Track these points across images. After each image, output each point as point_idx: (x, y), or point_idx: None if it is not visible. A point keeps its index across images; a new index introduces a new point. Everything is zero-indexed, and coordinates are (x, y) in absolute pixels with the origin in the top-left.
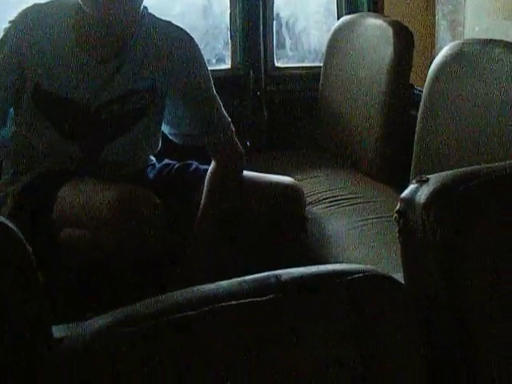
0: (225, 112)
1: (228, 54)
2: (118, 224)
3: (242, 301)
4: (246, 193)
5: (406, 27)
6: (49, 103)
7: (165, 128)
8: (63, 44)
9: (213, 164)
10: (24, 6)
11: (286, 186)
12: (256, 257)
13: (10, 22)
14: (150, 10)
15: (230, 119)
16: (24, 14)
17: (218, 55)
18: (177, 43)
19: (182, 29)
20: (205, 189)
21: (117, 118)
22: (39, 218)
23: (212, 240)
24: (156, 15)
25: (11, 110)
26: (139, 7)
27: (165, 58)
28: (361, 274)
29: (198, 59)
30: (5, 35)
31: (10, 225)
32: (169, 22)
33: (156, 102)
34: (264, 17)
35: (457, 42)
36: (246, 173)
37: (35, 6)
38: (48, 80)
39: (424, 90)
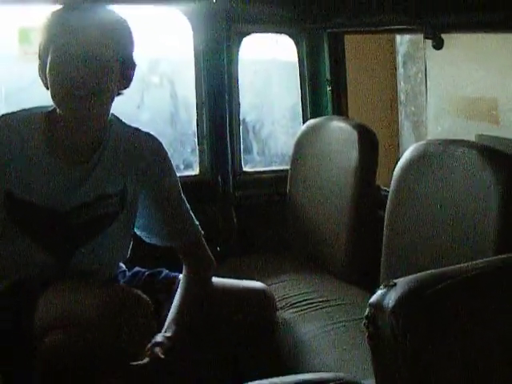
0: (193, 215)
1: (196, 160)
2: (110, 324)
3: None
4: (216, 299)
5: (370, 129)
6: (21, 211)
7: (137, 231)
8: (34, 150)
9: (184, 268)
10: None
11: (256, 292)
12: (227, 364)
13: None
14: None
15: (197, 222)
16: None
17: (186, 161)
18: (146, 148)
19: (150, 134)
20: (177, 292)
21: (87, 224)
22: (18, 327)
23: (180, 345)
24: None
25: None
26: (107, 111)
27: (134, 162)
28: (333, 383)
29: (166, 163)
30: None
31: None
32: (137, 128)
33: (126, 207)
34: (230, 122)
35: (420, 142)
36: (216, 279)
37: (3, 116)
38: (20, 187)
39: (390, 191)
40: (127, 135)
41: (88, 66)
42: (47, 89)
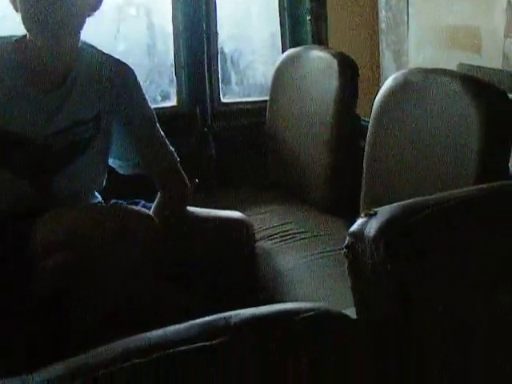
0: (168, 142)
1: (173, 91)
2: (116, 243)
3: (190, 346)
4: (193, 228)
5: (351, 58)
6: None
7: (112, 162)
8: (7, 78)
9: (159, 195)
10: None
11: (234, 221)
12: (204, 294)
13: None
14: None
15: (173, 149)
16: None
17: (163, 92)
18: (118, 74)
19: (121, 61)
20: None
21: (63, 150)
22: (14, 253)
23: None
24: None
25: None
26: (77, 37)
27: (107, 88)
28: (312, 313)
29: (138, 89)
30: None
31: None
32: (108, 55)
33: (101, 132)
34: (208, 53)
35: (401, 71)
36: (193, 209)
37: None
38: None
39: (370, 120)
40: (100, 61)
41: None
42: (16, 11)
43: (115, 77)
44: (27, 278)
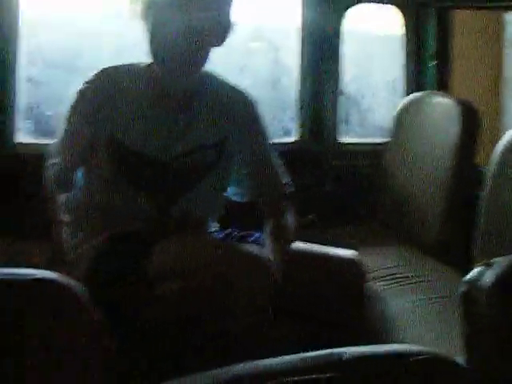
0: (284, 173)
1: (295, 127)
2: (233, 283)
3: (303, 377)
4: (307, 264)
5: (473, 107)
6: (123, 156)
7: (229, 189)
8: (137, 97)
9: (269, 229)
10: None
11: (347, 260)
12: (312, 331)
13: (84, 82)
14: None
15: (289, 180)
16: (98, 74)
17: (285, 128)
18: (243, 103)
19: (244, 90)
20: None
21: (186, 173)
22: (128, 276)
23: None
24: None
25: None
26: (202, 64)
27: (231, 116)
28: (423, 356)
29: (260, 119)
30: (80, 94)
31: (80, 293)
32: (233, 84)
33: (223, 159)
34: (331, 93)
35: None
36: (306, 245)
37: (108, 67)
38: (123, 132)
39: (489, 171)
40: (225, 89)
41: (185, 29)
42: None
43: (239, 105)
44: (142, 303)
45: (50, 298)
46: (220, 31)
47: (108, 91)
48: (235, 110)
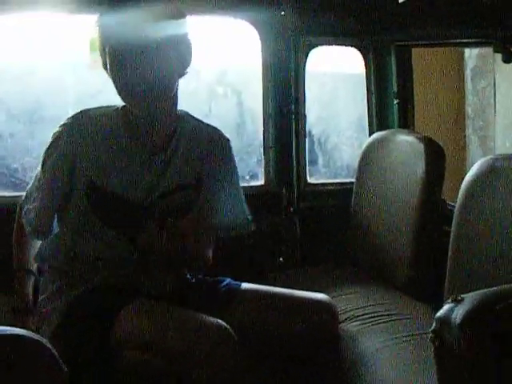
0: (247, 210)
1: (261, 170)
2: (196, 358)
3: None
4: (278, 309)
5: (437, 143)
6: (102, 201)
7: None
8: (114, 140)
9: None
10: None
11: (319, 303)
12: (288, 376)
13: (60, 125)
14: None
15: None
16: (74, 117)
17: (252, 172)
18: (218, 142)
19: (218, 128)
20: None
21: (166, 213)
22: (95, 337)
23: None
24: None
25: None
26: (174, 101)
27: (208, 154)
28: None
29: (233, 159)
30: (56, 137)
31: (48, 345)
32: (206, 123)
33: (199, 198)
34: (296, 134)
35: (488, 157)
36: (278, 289)
37: (84, 110)
38: (102, 177)
39: (456, 206)
40: (200, 128)
41: (144, 66)
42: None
43: (214, 143)
44: (106, 369)
45: (21, 355)
46: (180, 59)
47: (84, 133)
48: (211, 149)
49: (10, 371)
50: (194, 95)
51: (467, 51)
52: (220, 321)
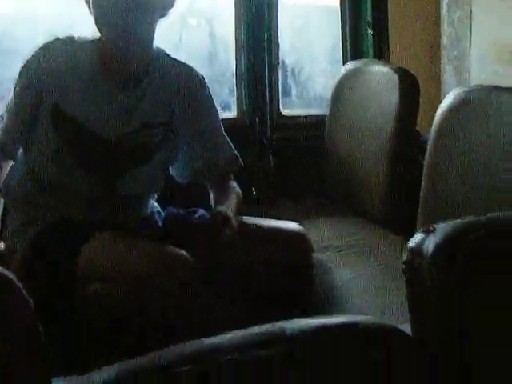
0: (233, 147)
1: (233, 101)
2: (155, 283)
3: (246, 354)
4: (251, 238)
5: (412, 74)
6: (68, 130)
7: (172, 169)
8: (84, 70)
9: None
10: None
11: (292, 232)
12: (259, 304)
13: (31, 55)
14: None
15: (237, 154)
16: (45, 45)
17: (224, 102)
18: (192, 81)
19: (192, 67)
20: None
21: (132, 151)
22: (59, 271)
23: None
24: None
25: (20, 152)
26: (151, 36)
27: (181, 94)
28: (367, 326)
29: (210, 97)
30: (26, 66)
31: (12, 277)
32: (180, 61)
33: (170, 138)
34: (269, 64)
35: (462, 88)
36: (251, 218)
37: (54, 40)
38: (68, 104)
39: (430, 136)
40: (173, 67)
41: (132, 4)
42: (91, 14)
43: (188, 82)
44: (69, 303)
45: None
46: (165, 1)
47: (54, 62)
48: (184, 88)
49: None
50: (165, 25)
51: None
52: (178, 249)
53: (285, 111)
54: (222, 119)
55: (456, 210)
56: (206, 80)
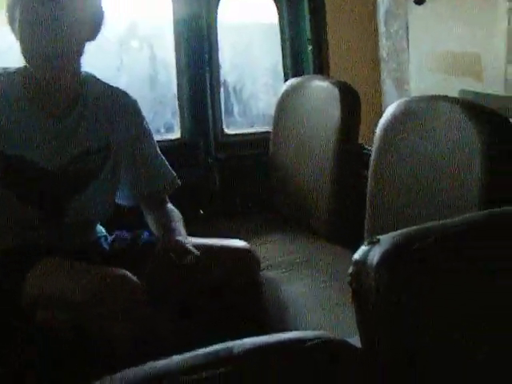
0: (170, 168)
1: (177, 122)
2: (100, 308)
3: (194, 376)
4: (199, 258)
5: (352, 88)
6: (6, 165)
7: (121, 194)
8: (15, 104)
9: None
10: None
11: (239, 250)
12: (208, 324)
13: None
14: None
15: (175, 174)
16: None
17: (167, 124)
18: (125, 105)
19: (124, 91)
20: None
21: (75, 178)
22: (6, 302)
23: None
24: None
25: None
26: (78, 66)
27: (116, 119)
28: (315, 341)
29: (143, 120)
30: None
31: None
32: (113, 86)
33: (109, 163)
34: (211, 84)
35: (402, 99)
36: (199, 239)
37: None
38: (9, 144)
39: (373, 149)
40: (106, 92)
41: (55, 25)
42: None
43: (122, 106)
44: (19, 328)
45: None
46: (91, 24)
47: None
48: (118, 113)
49: None
50: (105, 48)
51: None
52: (122, 270)
53: (228, 130)
54: (167, 140)
55: (402, 222)
56: (148, 102)
